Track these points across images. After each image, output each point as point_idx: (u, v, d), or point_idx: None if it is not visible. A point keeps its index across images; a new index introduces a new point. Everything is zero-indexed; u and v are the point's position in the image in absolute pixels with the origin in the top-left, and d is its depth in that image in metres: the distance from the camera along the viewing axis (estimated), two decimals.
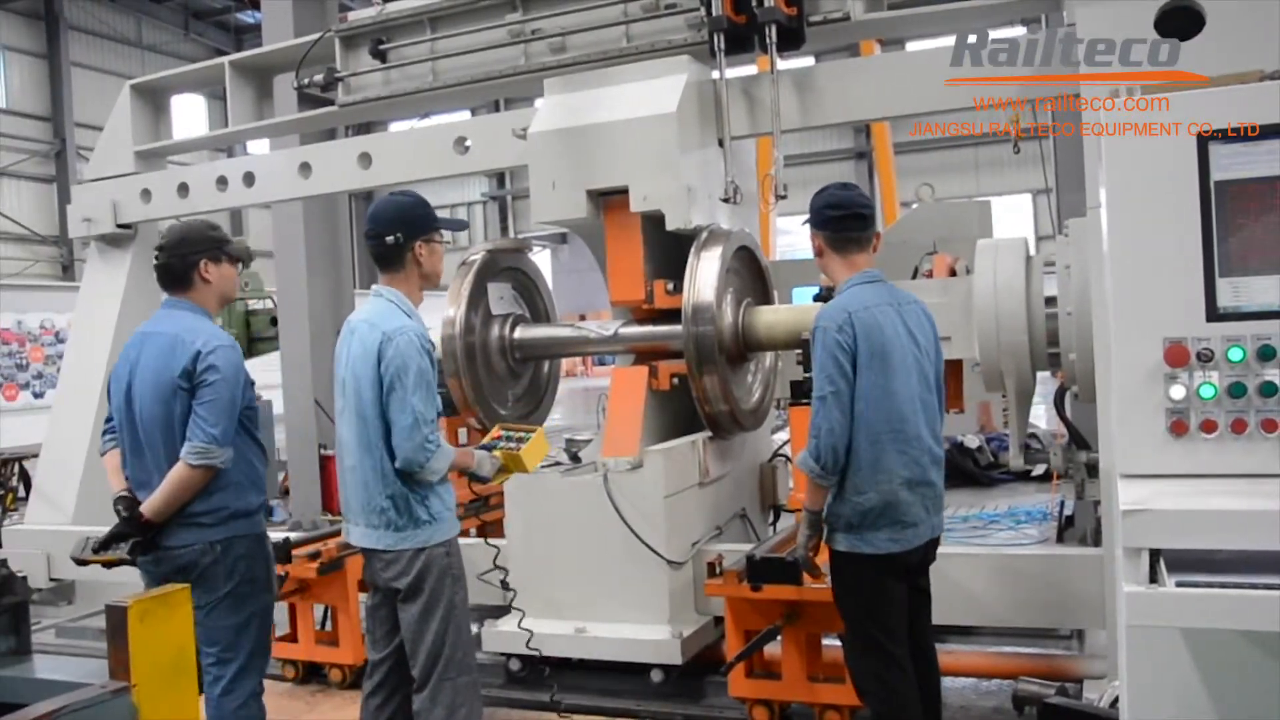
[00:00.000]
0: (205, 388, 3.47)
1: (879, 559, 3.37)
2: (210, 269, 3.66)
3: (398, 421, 3.41)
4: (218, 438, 3.44)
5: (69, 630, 6.35)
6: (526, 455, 3.78)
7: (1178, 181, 2.52)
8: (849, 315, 3.35)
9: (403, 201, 3.69)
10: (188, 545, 3.50)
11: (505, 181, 31.51)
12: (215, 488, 3.50)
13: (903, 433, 3.36)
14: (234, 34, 30.43)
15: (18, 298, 16.48)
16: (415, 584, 3.51)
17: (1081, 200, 4.06)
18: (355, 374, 3.53)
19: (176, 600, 2.43)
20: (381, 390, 3.44)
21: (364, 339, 3.52)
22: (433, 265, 3.68)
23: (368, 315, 3.59)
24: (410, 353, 3.43)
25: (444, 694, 3.50)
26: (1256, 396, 2.48)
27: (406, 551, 3.50)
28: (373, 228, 3.62)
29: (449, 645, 3.51)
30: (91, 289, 7.16)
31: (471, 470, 3.70)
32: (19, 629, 2.79)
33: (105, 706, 2.21)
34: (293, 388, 9.69)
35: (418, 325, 3.54)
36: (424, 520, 3.51)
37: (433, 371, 3.52)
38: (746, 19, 4.91)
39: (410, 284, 3.65)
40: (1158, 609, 2.31)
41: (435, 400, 3.51)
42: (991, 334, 4.26)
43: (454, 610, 3.53)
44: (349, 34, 6.15)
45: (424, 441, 3.40)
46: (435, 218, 3.69)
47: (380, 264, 3.65)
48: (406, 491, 3.49)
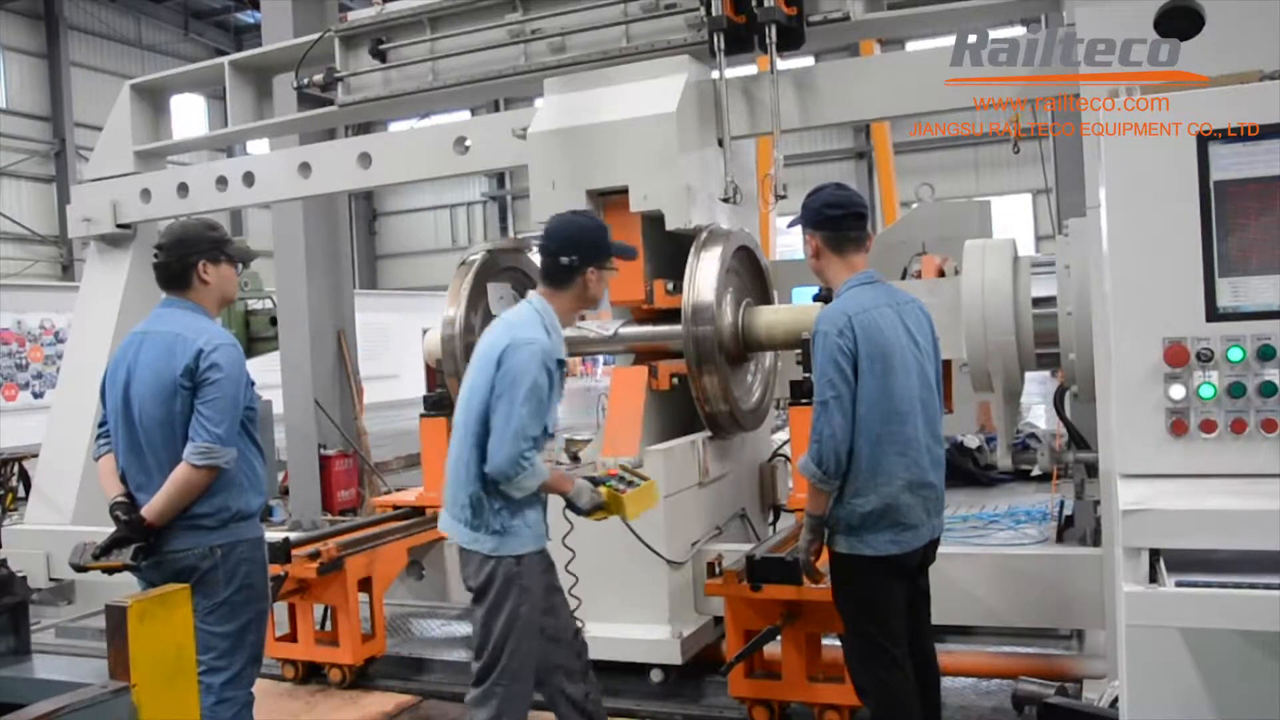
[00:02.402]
0: (208, 386, 3.43)
1: (879, 561, 3.37)
2: (209, 270, 3.61)
3: (498, 428, 3.32)
4: (222, 437, 3.40)
5: (69, 630, 6.34)
6: (630, 501, 3.61)
7: (1178, 181, 2.52)
8: (849, 319, 3.33)
9: (585, 224, 3.63)
10: (188, 549, 3.45)
11: (505, 181, 31.53)
12: (218, 488, 3.46)
13: (903, 435, 3.35)
14: (234, 34, 30.43)
15: (18, 298, 16.49)
16: (482, 587, 3.44)
17: (1081, 200, 4.06)
18: (476, 365, 3.48)
19: (176, 600, 2.43)
20: (486, 391, 3.37)
21: (495, 336, 3.47)
22: (598, 291, 3.62)
23: (510, 316, 3.56)
24: (530, 366, 3.33)
25: (491, 700, 3.44)
26: (1256, 396, 2.48)
27: (476, 554, 3.44)
28: (549, 244, 3.55)
29: (506, 654, 3.42)
30: (91, 289, 7.16)
31: (568, 496, 3.58)
32: (19, 629, 2.78)
33: (105, 706, 2.20)
34: (293, 388, 9.69)
35: (551, 344, 3.44)
36: (495, 530, 3.41)
37: (551, 392, 3.42)
38: (746, 19, 4.92)
39: (566, 304, 3.58)
40: (1158, 609, 2.31)
41: (545, 419, 3.40)
42: (979, 334, 4.26)
43: (516, 621, 3.42)
44: (349, 34, 6.15)
45: (519, 455, 3.30)
46: (612, 245, 3.62)
47: (546, 278, 3.58)
48: (486, 496, 3.40)
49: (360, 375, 10.23)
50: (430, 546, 5.77)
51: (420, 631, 5.96)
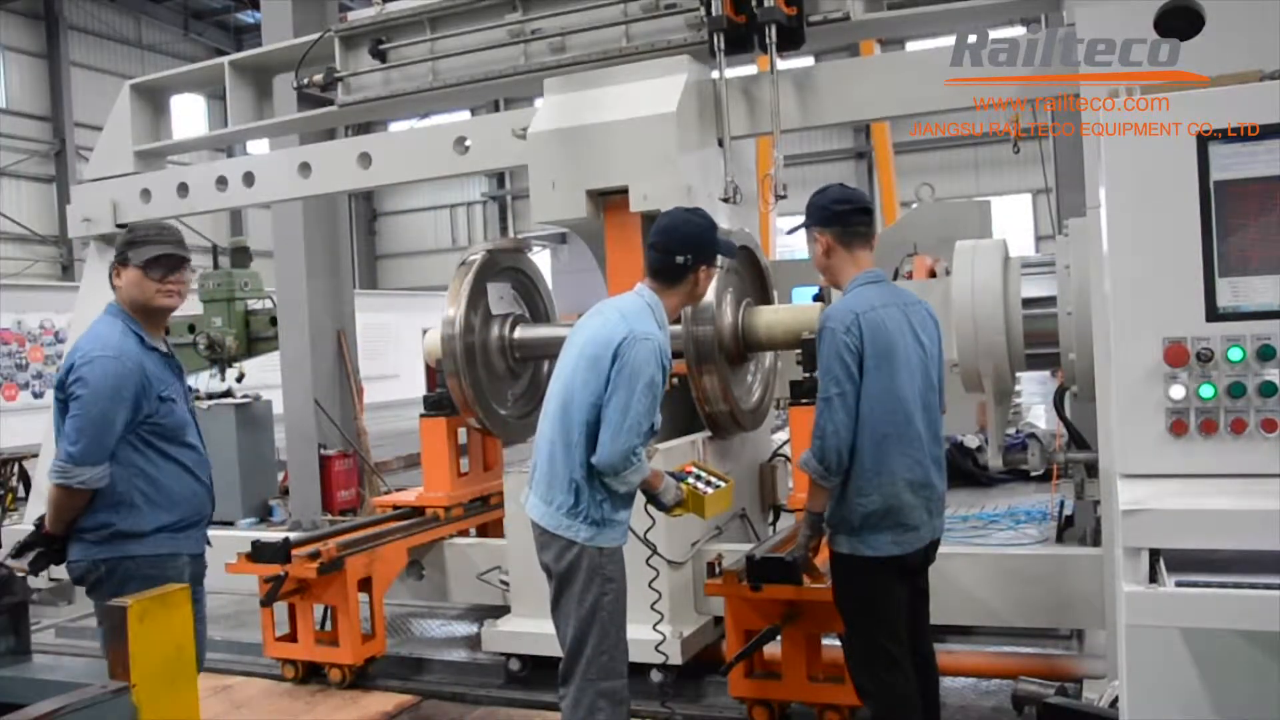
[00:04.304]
0: (73, 401, 3.33)
1: (881, 561, 3.36)
2: (121, 274, 3.50)
3: (613, 421, 3.29)
4: (74, 456, 3.29)
5: (69, 630, 6.35)
6: (710, 501, 3.64)
7: (1177, 181, 2.52)
8: (856, 316, 3.33)
9: (699, 223, 3.58)
10: (77, 560, 3.42)
11: (505, 181, 31.48)
12: (99, 505, 3.37)
13: (906, 434, 3.35)
14: (234, 34, 30.39)
15: (18, 298, 16.48)
16: (565, 574, 3.40)
17: (1081, 200, 4.06)
18: (582, 351, 3.42)
19: (176, 600, 2.43)
20: (601, 382, 3.33)
21: (609, 325, 3.41)
22: (705, 288, 3.64)
23: (622, 306, 3.50)
24: (650, 361, 3.32)
25: (585, 697, 3.39)
26: (1256, 396, 2.48)
27: (560, 540, 3.39)
28: (663, 242, 3.52)
29: (591, 645, 3.38)
30: (91, 289, 7.15)
31: (656, 493, 3.56)
32: (19, 629, 2.78)
33: (105, 706, 2.20)
34: (292, 388, 9.69)
35: (664, 338, 3.43)
36: (595, 520, 3.38)
37: (662, 389, 3.40)
38: (746, 19, 4.92)
39: (675, 299, 3.55)
40: (1158, 609, 2.31)
41: (656, 415, 3.40)
42: (969, 335, 4.26)
43: (599, 610, 3.38)
44: (349, 34, 6.15)
45: (631, 451, 3.30)
46: (721, 243, 3.63)
47: (656, 274, 3.54)
48: (589, 486, 3.37)
49: (360, 375, 10.24)
50: (430, 546, 5.77)
51: (420, 631, 5.97)
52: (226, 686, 5.36)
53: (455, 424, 5.87)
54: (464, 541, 5.88)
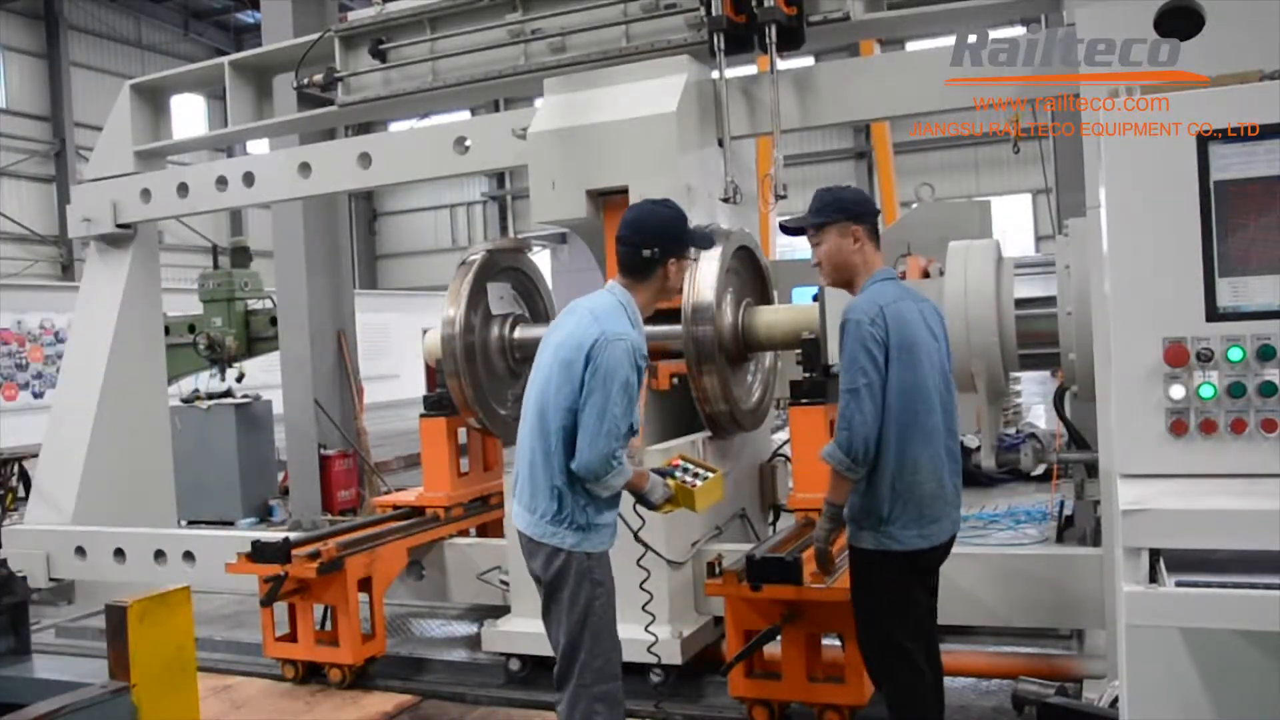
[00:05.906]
0: None
1: (906, 556, 3.34)
2: None
3: (589, 425, 3.26)
4: None
5: (69, 630, 6.35)
6: (700, 494, 3.60)
7: (1177, 181, 2.52)
8: (880, 308, 3.32)
9: (666, 215, 3.53)
10: None
11: (505, 181, 31.48)
12: None
13: (928, 427, 3.34)
14: (234, 34, 30.39)
15: (18, 298, 16.50)
16: (554, 581, 3.38)
17: (1081, 200, 4.06)
18: (555, 355, 3.40)
19: (176, 600, 2.43)
20: (576, 386, 3.30)
21: (581, 326, 3.37)
22: (677, 281, 3.58)
23: (593, 306, 3.45)
24: (624, 362, 3.28)
25: (582, 702, 3.37)
26: (1256, 396, 2.48)
27: (546, 547, 3.37)
28: (630, 236, 3.47)
29: (585, 650, 3.35)
30: (91, 289, 7.16)
31: (642, 492, 3.54)
32: (19, 629, 2.78)
33: (105, 706, 2.21)
34: (293, 387, 9.70)
35: (638, 337, 3.39)
36: (580, 525, 3.35)
37: (638, 389, 3.38)
38: (746, 19, 4.92)
39: (647, 295, 3.51)
40: (1158, 609, 2.31)
41: (634, 417, 3.37)
42: (962, 336, 4.26)
43: (590, 615, 3.35)
44: (349, 34, 6.15)
45: (610, 454, 3.26)
46: (691, 235, 3.58)
47: (625, 269, 3.50)
48: (571, 492, 3.34)
49: (360, 375, 10.24)
50: (430, 546, 5.77)
51: (420, 631, 5.97)
52: (226, 686, 5.36)
53: (455, 424, 5.87)
54: (464, 541, 5.88)
